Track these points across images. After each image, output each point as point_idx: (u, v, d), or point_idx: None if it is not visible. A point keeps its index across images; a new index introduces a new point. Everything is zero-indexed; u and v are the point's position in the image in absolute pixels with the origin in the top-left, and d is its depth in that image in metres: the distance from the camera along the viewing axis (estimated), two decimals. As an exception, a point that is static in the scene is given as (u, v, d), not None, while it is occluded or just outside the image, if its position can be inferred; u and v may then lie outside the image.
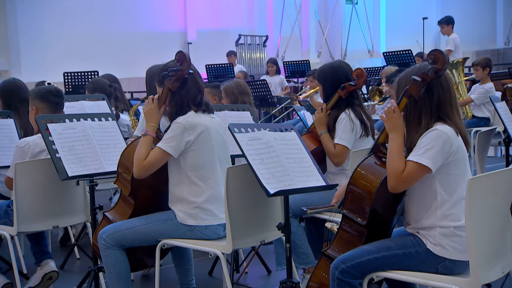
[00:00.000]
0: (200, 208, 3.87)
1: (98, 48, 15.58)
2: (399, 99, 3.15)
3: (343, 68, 4.80)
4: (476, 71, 8.60)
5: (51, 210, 4.59)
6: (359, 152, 4.41)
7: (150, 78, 5.32)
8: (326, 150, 4.66)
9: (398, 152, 3.08)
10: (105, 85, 6.37)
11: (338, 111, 4.68)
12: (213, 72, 13.50)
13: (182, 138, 3.83)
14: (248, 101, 6.04)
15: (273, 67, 12.60)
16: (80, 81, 12.39)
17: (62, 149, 4.20)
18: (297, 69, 13.98)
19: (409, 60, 11.66)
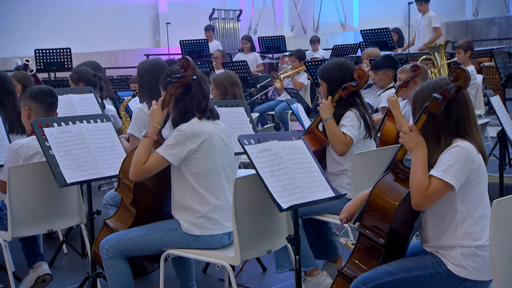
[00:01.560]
0: (205, 217, 3.80)
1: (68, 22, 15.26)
2: (418, 116, 3.09)
3: (348, 66, 4.71)
4: (458, 53, 8.59)
5: (46, 213, 4.49)
6: (362, 155, 4.39)
7: (142, 74, 5.20)
8: (334, 136, 4.52)
9: (422, 168, 3.03)
10: (90, 75, 6.22)
11: (342, 110, 4.61)
12: (188, 48, 13.35)
13: (184, 147, 3.74)
14: (238, 93, 5.94)
15: (247, 44, 12.48)
16: (51, 59, 12.17)
17: (59, 154, 4.09)
18: (272, 45, 13.89)
19: (387, 38, 11.62)
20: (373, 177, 4.38)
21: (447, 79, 3.14)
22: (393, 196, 3.08)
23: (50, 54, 12.14)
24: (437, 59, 8.98)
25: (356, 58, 11.78)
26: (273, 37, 14.14)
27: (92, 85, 6.17)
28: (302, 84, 9.75)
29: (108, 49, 16.01)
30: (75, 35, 14.92)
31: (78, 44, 14.53)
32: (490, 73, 10.57)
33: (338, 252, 4.80)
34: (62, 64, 12.17)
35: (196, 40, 13.37)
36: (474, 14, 23.45)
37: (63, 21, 15.18)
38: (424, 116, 3.07)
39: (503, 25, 22.50)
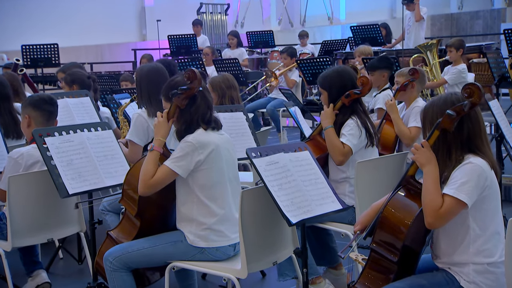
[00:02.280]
0: (211, 229, 3.76)
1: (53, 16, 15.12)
2: (431, 132, 3.07)
3: (349, 73, 4.69)
4: (450, 52, 8.59)
5: (45, 222, 4.45)
6: (365, 163, 4.37)
7: (141, 79, 5.17)
8: (332, 145, 4.52)
9: (434, 186, 3.00)
10: (84, 77, 6.16)
11: (343, 117, 4.59)
12: (176, 43, 13.27)
13: (192, 158, 3.70)
14: (235, 96, 5.92)
15: (234, 39, 12.42)
16: (38, 54, 12.06)
17: (61, 164, 4.05)
18: (260, 40, 13.86)
19: (376, 34, 11.61)
20: (376, 185, 4.40)
21: (458, 94, 3.12)
22: (406, 213, 3.06)
23: (37, 50, 12.04)
24: (429, 57, 8.98)
25: (346, 54, 11.77)
26: (262, 31, 14.10)
27: (86, 87, 6.12)
28: (294, 81, 9.73)
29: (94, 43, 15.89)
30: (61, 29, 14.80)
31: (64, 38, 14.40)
32: (479, 69, 10.58)
33: (338, 259, 4.79)
34: (49, 59, 12.07)
35: (185, 35, 13.29)
36: (459, 7, 23.54)
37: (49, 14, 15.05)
38: (437, 132, 3.05)
39: (488, 18, 22.60)
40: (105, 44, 15.96)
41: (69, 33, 15.06)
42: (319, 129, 4.74)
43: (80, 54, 15.31)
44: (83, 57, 15.15)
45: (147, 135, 5.08)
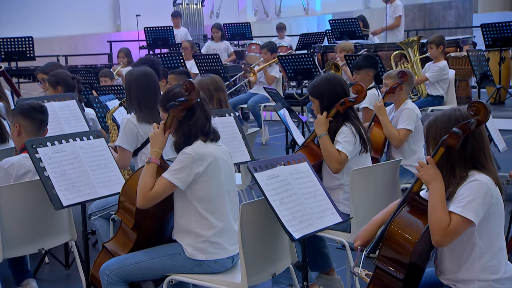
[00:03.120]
0: (209, 242, 3.73)
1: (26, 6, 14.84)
2: (436, 149, 3.06)
3: (339, 81, 4.69)
4: (431, 49, 8.61)
5: (37, 232, 4.39)
6: (359, 171, 4.37)
7: (130, 84, 5.11)
8: (328, 153, 4.51)
9: (441, 205, 2.99)
10: (68, 78, 6.08)
11: (337, 124, 4.58)
12: (153, 35, 13.15)
13: (191, 170, 3.66)
14: (223, 98, 5.89)
15: (218, 32, 12.33)
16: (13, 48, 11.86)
17: (54, 175, 3.98)
18: (237, 32, 13.80)
19: (355, 28, 11.62)
20: (370, 193, 4.40)
21: (462, 111, 3.11)
22: (412, 231, 3.05)
23: (11, 43, 11.83)
24: (410, 54, 9.00)
25: (324, 47, 11.77)
26: (239, 23, 14.04)
27: (70, 88, 6.05)
28: (274, 77, 9.68)
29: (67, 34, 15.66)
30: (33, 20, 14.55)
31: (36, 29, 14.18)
32: (457, 63, 10.64)
33: (331, 264, 4.79)
34: (23, 53, 11.89)
35: (161, 27, 13.16)
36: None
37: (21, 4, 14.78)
38: (442, 150, 3.04)
39: (460, 8, 22.72)
40: (78, 35, 15.73)
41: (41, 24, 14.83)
42: (313, 136, 4.72)
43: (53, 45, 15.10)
44: (56, 49, 14.94)
45: (136, 140, 5.04)
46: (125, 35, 16.23)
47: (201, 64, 9.81)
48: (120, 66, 10.55)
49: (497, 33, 10.38)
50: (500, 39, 10.35)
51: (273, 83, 9.69)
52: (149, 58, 7.56)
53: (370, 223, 3.38)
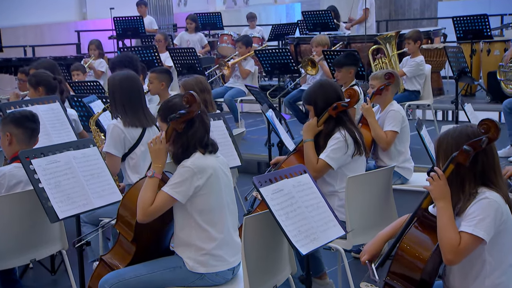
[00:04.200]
0: (210, 254, 3.70)
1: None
2: (446, 166, 3.06)
3: (331, 85, 4.70)
4: (408, 44, 8.63)
5: (28, 243, 4.33)
6: (355, 178, 4.38)
7: (114, 88, 5.06)
8: (307, 160, 4.56)
9: (451, 224, 2.99)
10: (49, 78, 5.97)
11: (329, 127, 4.59)
12: (122, 25, 12.98)
13: (191, 183, 3.62)
14: (209, 99, 5.85)
15: (192, 24, 12.21)
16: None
17: (49, 187, 3.90)
18: (208, 21, 13.69)
19: (328, 20, 11.61)
20: (365, 199, 4.42)
21: (474, 127, 3.12)
22: (423, 248, 3.05)
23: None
24: (388, 49, 9.02)
25: (297, 39, 11.74)
26: (210, 13, 13.94)
27: (52, 89, 5.95)
28: (249, 71, 9.63)
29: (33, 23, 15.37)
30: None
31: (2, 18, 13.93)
32: (428, 55, 10.74)
33: (323, 268, 4.81)
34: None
35: (131, 17, 12.99)
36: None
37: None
38: (452, 166, 3.04)
39: (425, -5, 22.82)
40: (45, 24, 15.45)
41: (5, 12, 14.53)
42: (305, 141, 4.73)
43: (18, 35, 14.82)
44: (21, 39, 14.67)
45: (124, 145, 4.98)
46: (92, 23, 16.00)
47: (176, 57, 9.71)
48: (92, 59, 10.42)
49: (468, 25, 10.46)
50: (471, 31, 10.44)
51: (248, 77, 9.65)
52: (127, 54, 7.46)
53: (377, 238, 3.38)
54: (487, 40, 10.63)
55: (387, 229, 3.39)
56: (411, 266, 3.06)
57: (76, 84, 8.28)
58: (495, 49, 10.70)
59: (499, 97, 10.01)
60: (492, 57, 10.70)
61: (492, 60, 10.67)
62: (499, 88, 9.77)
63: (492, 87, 10.14)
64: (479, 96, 11.04)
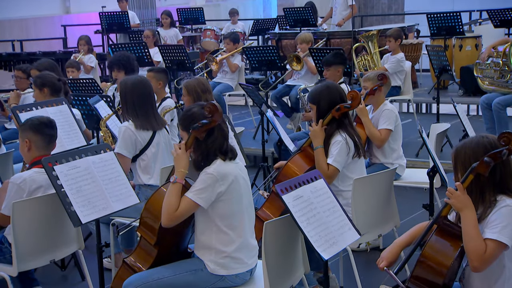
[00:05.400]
0: (230, 257, 3.69)
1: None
2: (465, 176, 3.08)
3: (336, 88, 4.71)
4: (389, 42, 8.67)
5: (48, 244, 4.30)
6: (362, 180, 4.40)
7: (126, 92, 5.03)
8: (318, 166, 4.56)
9: (476, 232, 3.00)
10: (54, 80, 5.92)
11: (331, 129, 4.60)
12: (108, 20, 12.83)
13: (214, 190, 3.61)
14: (210, 99, 5.79)
15: (167, 19, 12.09)
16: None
17: (71, 192, 3.85)
18: (190, 16, 13.59)
19: (308, 16, 11.58)
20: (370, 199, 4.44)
21: (489, 138, 3.14)
22: (446, 255, 3.07)
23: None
24: (370, 47, 9.05)
25: (279, 34, 11.72)
26: (192, 8, 13.83)
27: (57, 90, 5.90)
28: (237, 66, 9.61)
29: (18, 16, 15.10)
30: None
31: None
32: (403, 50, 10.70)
33: (326, 263, 4.82)
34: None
35: (116, 12, 12.86)
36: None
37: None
38: (471, 176, 3.06)
39: (393, -11, 22.84)
40: (30, 18, 15.19)
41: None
42: (310, 141, 4.72)
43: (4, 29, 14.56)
44: (7, 33, 14.41)
45: (135, 147, 4.97)
46: (76, 17, 15.78)
47: (166, 53, 9.64)
48: (81, 54, 10.31)
49: (441, 22, 10.51)
50: (444, 28, 10.49)
51: (236, 71, 9.64)
52: (124, 54, 7.38)
53: (394, 245, 3.39)
54: (459, 36, 10.71)
55: (404, 237, 3.41)
56: (435, 271, 3.07)
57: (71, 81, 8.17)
58: (467, 45, 10.81)
59: (471, 91, 10.14)
60: (464, 52, 10.81)
61: (463, 55, 10.78)
62: (471, 82, 9.86)
63: (464, 81, 10.23)
64: (452, 89, 11.14)
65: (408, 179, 5.67)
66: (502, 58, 7.58)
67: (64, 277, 5.35)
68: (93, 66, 10.34)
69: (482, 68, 7.92)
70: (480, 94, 9.89)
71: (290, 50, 11.19)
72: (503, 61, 7.55)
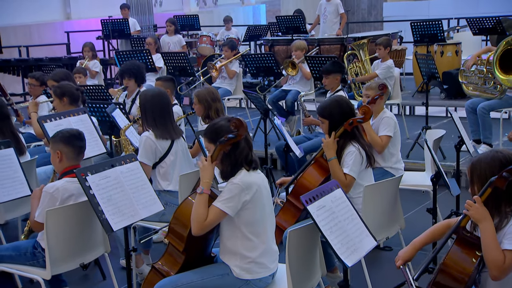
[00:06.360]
0: (255, 262, 3.69)
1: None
2: (483, 190, 3.09)
3: (346, 102, 4.69)
4: (379, 50, 8.71)
5: (78, 249, 4.28)
6: (372, 187, 4.42)
7: (145, 104, 5.04)
8: (336, 177, 4.49)
9: (494, 243, 3.02)
10: (73, 89, 5.89)
11: (344, 142, 4.58)
12: (109, 27, 12.77)
13: (240, 199, 3.60)
14: (220, 107, 5.82)
15: (171, 26, 12.06)
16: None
17: (103, 201, 3.84)
18: (186, 23, 13.56)
19: (299, 24, 11.60)
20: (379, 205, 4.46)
21: (504, 153, 3.15)
22: (465, 264, 3.07)
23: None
24: (361, 54, 9.07)
25: (272, 41, 11.72)
26: (188, 15, 13.80)
27: (75, 99, 5.88)
28: (234, 72, 9.61)
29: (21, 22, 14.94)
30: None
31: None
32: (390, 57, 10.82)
33: (334, 263, 4.84)
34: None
35: (118, 19, 12.82)
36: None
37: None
38: (489, 190, 3.08)
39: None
40: (33, 25, 15.03)
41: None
42: (322, 152, 4.70)
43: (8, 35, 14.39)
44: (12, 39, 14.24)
45: (155, 155, 4.98)
46: (77, 23, 15.64)
47: (169, 60, 9.60)
48: (86, 60, 10.25)
49: (424, 30, 10.58)
50: (427, 35, 10.56)
51: (234, 76, 9.63)
52: (135, 63, 7.39)
53: (411, 245, 3.41)
54: (441, 43, 10.76)
55: (421, 237, 3.43)
56: (456, 279, 3.08)
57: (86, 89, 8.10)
58: (448, 51, 10.86)
59: (452, 95, 10.20)
60: (445, 58, 10.86)
61: (445, 61, 10.82)
62: (453, 86, 9.94)
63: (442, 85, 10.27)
64: (433, 92, 11.18)
65: (406, 182, 5.69)
66: (486, 65, 7.62)
67: (86, 277, 5.32)
68: (98, 71, 10.30)
69: (467, 75, 7.96)
70: (460, 97, 10.04)
71: (282, 55, 11.21)
72: (487, 69, 7.59)
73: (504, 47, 7.20)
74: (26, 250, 4.24)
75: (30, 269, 4.19)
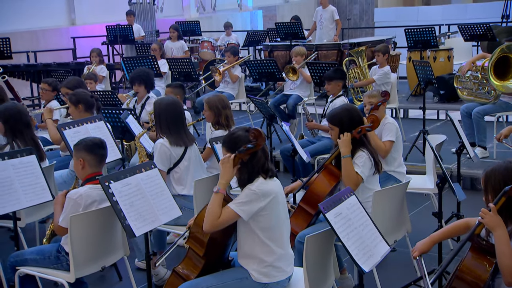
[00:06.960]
0: (272, 266, 3.69)
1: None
2: (497, 198, 3.10)
3: (356, 110, 4.68)
4: (378, 56, 8.72)
5: (100, 252, 4.27)
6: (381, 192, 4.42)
7: (160, 112, 5.06)
8: (348, 175, 4.43)
9: (509, 250, 3.02)
10: (88, 97, 5.86)
11: (354, 148, 4.56)
12: (114, 33, 12.74)
13: (255, 204, 3.59)
14: (229, 114, 5.81)
15: (174, 33, 12.04)
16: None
17: (125, 207, 3.84)
18: (188, 29, 13.54)
19: (298, 30, 11.60)
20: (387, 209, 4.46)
21: None
22: (481, 271, 3.09)
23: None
24: (360, 61, 9.08)
25: (271, 46, 11.73)
26: (189, 21, 13.78)
27: (90, 106, 5.85)
28: (237, 76, 9.61)
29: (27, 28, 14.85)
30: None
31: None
32: (386, 62, 10.84)
33: (343, 265, 4.85)
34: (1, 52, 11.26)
35: (122, 25, 12.78)
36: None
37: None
38: (504, 199, 3.09)
39: (363, 2, 22.97)
40: (39, 30, 14.94)
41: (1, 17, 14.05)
42: (332, 158, 4.69)
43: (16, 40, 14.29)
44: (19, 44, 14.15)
45: (169, 161, 4.98)
46: (81, 29, 15.57)
47: (174, 66, 9.59)
48: (94, 65, 10.23)
49: (418, 36, 10.61)
50: (421, 41, 10.59)
51: (236, 81, 9.63)
52: (144, 70, 7.39)
53: (429, 239, 3.46)
54: (434, 49, 10.79)
55: (438, 233, 3.48)
56: (471, 285, 3.10)
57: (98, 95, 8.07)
58: (440, 57, 10.89)
59: (445, 98, 10.23)
60: (438, 63, 10.88)
61: (438, 66, 10.83)
62: (445, 91, 9.98)
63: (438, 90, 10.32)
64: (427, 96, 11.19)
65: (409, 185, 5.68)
66: (481, 72, 7.65)
67: (102, 278, 5.30)
68: (105, 75, 10.29)
69: (462, 80, 7.99)
70: (453, 101, 10.07)
71: (281, 60, 11.23)
72: (482, 75, 7.62)
73: (498, 54, 7.23)
74: (50, 254, 4.23)
75: (55, 272, 4.18)
